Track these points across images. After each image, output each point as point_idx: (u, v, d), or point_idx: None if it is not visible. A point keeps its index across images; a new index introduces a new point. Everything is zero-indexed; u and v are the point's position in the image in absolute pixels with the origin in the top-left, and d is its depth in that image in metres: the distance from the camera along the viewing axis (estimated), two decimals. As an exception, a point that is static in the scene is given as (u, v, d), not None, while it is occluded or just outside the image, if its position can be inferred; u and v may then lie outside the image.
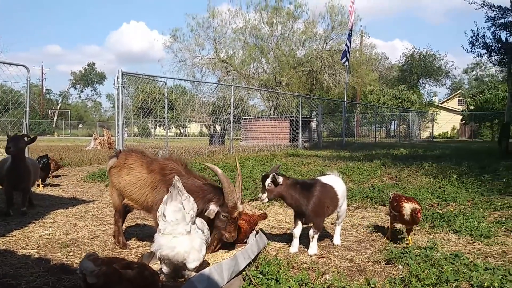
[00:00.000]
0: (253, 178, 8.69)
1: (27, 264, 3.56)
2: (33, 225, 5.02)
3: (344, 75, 32.47)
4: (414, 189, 7.21)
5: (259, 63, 38.06)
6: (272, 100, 23.68)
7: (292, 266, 3.60)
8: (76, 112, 72.42)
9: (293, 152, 16.75)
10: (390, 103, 41.62)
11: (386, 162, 11.39)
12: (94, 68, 76.51)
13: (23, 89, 10.22)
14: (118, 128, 10.62)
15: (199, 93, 22.55)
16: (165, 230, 2.80)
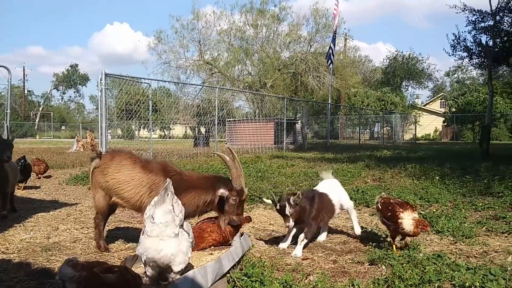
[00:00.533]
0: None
1: (7, 269, 3.50)
2: (14, 228, 4.94)
3: (328, 78, 32.67)
4: (398, 190, 7.28)
5: (244, 65, 38.08)
6: (257, 102, 23.70)
7: (276, 268, 3.60)
8: (58, 114, 71.54)
9: (278, 154, 16.78)
10: (373, 105, 41.97)
11: (370, 164, 11.47)
12: (77, 70, 75.74)
13: (4, 91, 10.16)
14: (102, 130, 10.54)
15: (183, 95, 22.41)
16: (152, 233, 2.76)
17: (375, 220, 5.56)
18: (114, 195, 3.91)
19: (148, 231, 2.76)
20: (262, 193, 7.10)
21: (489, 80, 15.75)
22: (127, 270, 2.38)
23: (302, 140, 23.16)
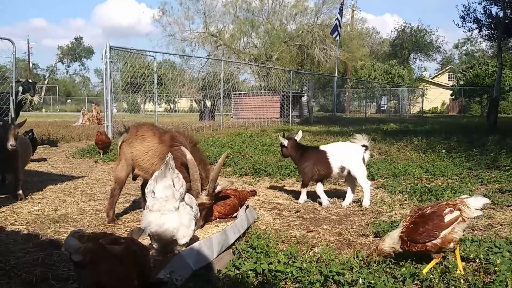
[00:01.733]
0: (243, 153, 8.69)
1: (16, 240, 3.56)
2: (22, 201, 5.00)
3: (335, 50, 32.32)
4: (404, 164, 7.27)
5: (250, 37, 37.73)
6: (263, 75, 23.57)
7: (281, 240, 3.63)
8: (64, 88, 71.49)
9: (284, 127, 16.74)
10: (380, 78, 41.55)
11: (376, 137, 11.44)
12: (81, 43, 75.23)
13: (8, 64, 10.06)
14: (107, 104, 10.54)
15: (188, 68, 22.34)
16: (153, 207, 2.78)
17: (380, 193, 5.57)
18: (136, 166, 4.12)
19: (150, 206, 2.77)
20: (268, 166, 7.12)
21: (498, 52, 15.49)
22: (133, 241, 2.40)
23: (308, 114, 23.07)
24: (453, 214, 2.91)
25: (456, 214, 2.90)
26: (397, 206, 4.85)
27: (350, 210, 4.80)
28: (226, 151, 4.27)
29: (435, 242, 2.91)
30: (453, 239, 2.91)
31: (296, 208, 4.83)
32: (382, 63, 46.35)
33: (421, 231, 2.94)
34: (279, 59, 35.11)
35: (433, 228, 2.91)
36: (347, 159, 5.00)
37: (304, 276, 2.73)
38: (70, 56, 74.77)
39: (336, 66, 28.65)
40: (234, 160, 7.89)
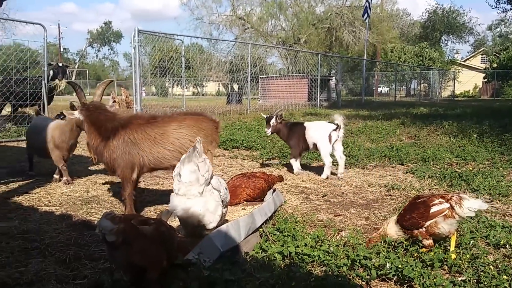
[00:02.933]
0: (270, 137, 8.69)
1: (50, 220, 3.67)
2: (55, 183, 5.14)
3: (364, 32, 31.76)
4: (433, 148, 7.15)
5: (277, 20, 37.42)
6: (290, 58, 23.34)
7: (308, 223, 3.64)
8: (94, 72, 72.51)
9: (311, 111, 16.65)
10: (411, 61, 40.64)
11: (405, 121, 11.27)
12: (110, 27, 76.02)
13: (40, 48, 10.24)
14: (136, 88, 10.65)
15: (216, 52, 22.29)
16: (179, 191, 2.82)
17: (409, 178, 5.50)
18: None
19: (176, 189, 2.81)
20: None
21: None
22: (162, 223, 2.45)
23: (336, 97, 22.85)
24: (441, 206, 2.88)
25: (444, 207, 2.87)
26: (426, 191, 4.79)
27: (378, 195, 4.77)
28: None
29: (421, 231, 2.92)
30: (436, 233, 2.89)
31: (324, 192, 4.82)
32: (412, 45, 45.23)
33: (407, 218, 2.97)
34: (307, 42, 34.75)
35: (418, 217, 2.92)
36: (317, 136, 5.72)
37: (331, 260, 2.74)
38: (99, 40, 75.70)
39: (365, 48, 28.18)
40: (261, 144, 7.91)
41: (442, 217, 2.85)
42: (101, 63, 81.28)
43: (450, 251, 2.83)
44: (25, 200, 4.32)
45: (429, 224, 2.88)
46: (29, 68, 10.62)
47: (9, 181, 5.09)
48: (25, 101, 9.68)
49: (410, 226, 2.95)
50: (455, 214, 2.84)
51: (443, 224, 2.86)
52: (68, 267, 2.70)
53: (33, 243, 3.08)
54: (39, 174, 5.60)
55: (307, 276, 2.53)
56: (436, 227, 2.87)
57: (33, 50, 11.00)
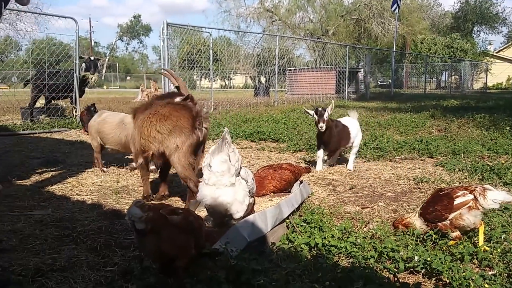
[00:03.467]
0: (297, 129, 8.68)
1: (81, 209, 3.76)
2: (86, 173, 5.26)
3: (393, 24, 31.27)
4: (464, 141, 7.01)
5: (305, 12, 37.16)
6: (318, 50, 23.16)
7: (335, 215, 3.63)
8: (123, 65, 73.54)
9: (339, 103, 16.50)
10: (441, 52, 39.78)
11: (435, 114, 11.07)
12: (140, 20, 76.94)
13: (72, 42, 10.47)
14: (165, 80, 10.76)
15: (243, 44, 22.35)
16: (209, 181, 2.85)
17: (438, 171, 5.41)
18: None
19: (206, 179, 2.84)
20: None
21: None
22: (190, 212, 2.49)
23: (365, 89, 22.59)
24: (465, 198, 2.83)
25: (468, 198, 2.82)
26: (456, 184, 4.71)
27: (407, 188, 4.71)
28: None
29: (446, 224, 2.88)
30: (461, 225, 2.85)
31: (351, 185, 4.80)
32: (443, 36, 44.25)
33: (430, 211, 2.94)
34: (335, 33, 34.43)
35: (442, 209, 2.89)
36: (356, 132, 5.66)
37: (358, 252, 2.73)
38: (129, 33, 76.72)
39: (395, 40, 27.75)
40: (289, 136, 7.91)
41: (466, 208, 2.82)
42: (130, 56, 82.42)
43: (479, 244, 2.79)
44: (58, 189, 4.44)
45: (454, 216, 2.85)
46: (61, 62, 10.86)
47: (43, 171, 5.23)
48: (57, 94, 9.92)
49: (434, 218, 2.93)
50: (479, 206, 2.80)
51: (468, 216, 2.83)
52: (99, 254, 2.77)
53: (66, 231, 3.17)
54: (71, 164, 5.74)
55: (334, 267, 2.53)
56: (461, 219, 2.84)
57: (65, 44, 11.27)
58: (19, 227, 3.23)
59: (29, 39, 19.17)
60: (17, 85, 12.03)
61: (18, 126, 9.12)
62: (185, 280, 2.24)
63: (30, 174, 5.08)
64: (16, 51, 14.08)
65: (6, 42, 13.63)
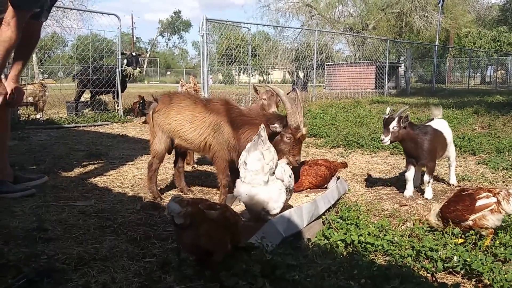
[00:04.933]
0: (335, 125, 8.61)
1: (122, 201, 3.87)
2: (127, 166, 5.40)
3: (436, 17, 30.46)
4: (509, 139, 6.78)
5: (345, 6, 36.69)
6: (358, 45, 22.84)
7: (372, 212, 3.60)
8: (164, 60, 74.60)
9: (379, 99, 16.27)
10: (487, 46, 38.48)
11: (479, 110, 10.74)
12: (180, 16, 77.78)
13: (115, 38, 10.73)
14: (204, 75, 10.88)
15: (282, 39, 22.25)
16: (245, 179, 2.88)
17: (481, 169, 5.27)
18: (176, 137, 3.86)
19: (242, 177, 2.88)
20: (360, 139, 7.00)
21: None
22: (227, 207, 2.53)
23: (405, 85, 22.14)
24: (488, 200, 2.79)
25: (491, 201, 2.77)
26: (499, 183, 4.58)
27: (447, 186, 4.61)
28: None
29: (467, 224, 2.85)
30: (484, 226, 2.80)
31: (389, 182, 4.73)
32: (489, 30, 42.76)
33: (451, 210, 2.91)
34: (376, 28, 33.83)
35: (463, 210, 2.85)
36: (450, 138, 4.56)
37: (395, 250, 2.70)
38: (169, 29, 77.71)
39: (437, 34, 27.05)
40: (326, 132, 7.86)
41: (489, 211, 2.78)
42: (171, 52, 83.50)
43: (482, 245, 2.76)
44: (100, 181, 4.58)
45: (476, 217, 2.82)
46: (104, 57, 11.15)
47: (87, 163, 5.41)
48: (100, 89, 10.20)
49: (454, 218, 2.90)
50: (501, 209, 2.76)
51: (491, 217, 2.79)
52: (139, 245, 2.85)
53: (107, 222, 3.27)
54: (113, 157, 5.90)
55: (370, 265, 2.51)
56: (485, 219, 2.80)
57: (108, 40, 11.55)
58: (64, 217, 3.36)
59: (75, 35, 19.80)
60: (63, 80, 12.44)
61: (63, 120, 9.44)
62: (220, 273, 2.28)
63: (74, 166, 5.25)
64: (62, 47, 14.50)
65: (53, 38, 14.08)
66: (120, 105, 10.45)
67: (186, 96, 3.95)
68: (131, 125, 9.47)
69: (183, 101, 3.83)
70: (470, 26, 40.67)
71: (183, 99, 3.86)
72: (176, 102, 3.83)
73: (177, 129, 3.79)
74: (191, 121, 3.74)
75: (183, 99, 3.85)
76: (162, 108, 3.84)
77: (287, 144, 3.50)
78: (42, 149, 6.29)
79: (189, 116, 3.76)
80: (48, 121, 9.28)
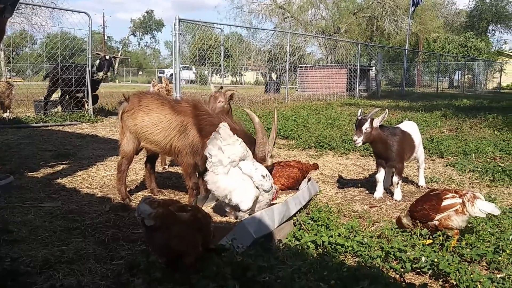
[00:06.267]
0: (307, 127, 8.67)
1: (91, 202, 3.80)
2: (96, 166, 5.30)
3: (406, 22, 31.05)
4: (476, 141, 6.95)
5: (318, 9, 37.01)
6: (330, 48, 23.08)
7: (343, 214, 3.63)
8: (136, 60, 73.68)
9: (350, 101, 16.46)
10: (455, 51, 39.44)
11: (447, 113, 10.99)
12: (152, 16, 77.01)
13: (85, 36, 10.54)
14: (176, 76, 10.79)
15: (255, 41, 22.30)
16: (210, 168, 2.97)
17: (449, 171, 5.39)
18: (142, 140, 3.78)
19: (208, 166, 2.99)
20: (332, 140, 7.06)
21: None
22: (198, 209, 2.50)
23: (376, 88, 22.47)
24: (453, 201, 2.86)
25: (456, 202, 2.85)
26: (466, 185, 4.68)
27: (416, 188, 4.69)
28: (275, 109, 3.97)
29: (433, 224, 2.93)
30: (449, 226, 2.88)
31: (359, 183, 4.79)
32: (457, 35, 43.84)
33: (418, 209, 2.99)
34: (348, 31, 34.26)
35: (429, 209, 2.93)
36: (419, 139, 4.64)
37: (365, 251, 2.73)
38: (141, 29, 76.87)
39: (407, 38, 27.51)
40: (298, 133, 7.90)
41: (454, 211, 2.85)
42: (143, 51, 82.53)
43: (449, 246, 2.82)
44: (68, 182, 4.49)
45: (442, 217, 2.89)
46: (74, 56, 10.93)
47: (54, 164, 5.28)
48: (70, 87, 9.98)
49: (421, 217, 2.98)
50: (466, 211, 2.83)
51: (456, 218, 2.86)
52: (107, 247, 2.80)
53: (75, 223, 3.20)
54: (82, 157, 5.79)
55: (340, 266, 2.53)
56: (449, 220, 2.87)
57: (79, 38, 11.33)
58: (29, 218, 3.27)
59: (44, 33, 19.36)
60: (31, 78, 12.14)
61: (31, 119, 9.20)
62: (191, 275, 2.25)
63: (41, 166, 5.13)
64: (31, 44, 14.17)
65: (22, 35, 13.74)
66: (90, 105, 10.25)
67: (155, 97, 3.83)
68: (101, 125, 9.31)
69: (151, 103, 3.73)
70: (439, 31, 41.59)
71: (151, 100, 3.75)
72: (145, 104, 3.73)
73: (143, 131, 3.71)
74: (157, 123, 3.65)
75: (152, 101, 3.74)
76: (131, 109, 3.75)
77: None
78: (8, 149, 6.11)
79: (155, 118, 3.66)
80: (15, 120, 9.04)
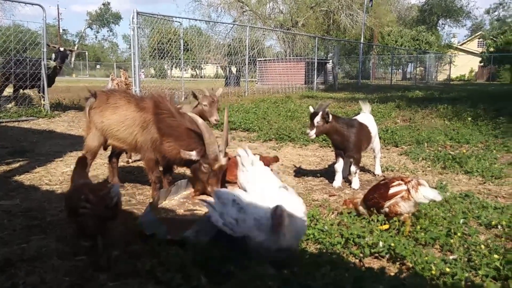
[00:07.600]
0: (267, 119, 8.76)
1: (50, 199, 3.75)
2: (55, 162, 5.20)
3: (361, 16, 31.64)
4: (428, 131, 7.23)
5: (276, 3, 37.12)
6: (288, 42, 23.29)
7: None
8: (93, 53, 71.79)
9: (308, 94, 16.69)
10: (407, 44, 40.53)
11: (400, 104, 11.32)
12: (109, 8, 75.22)
13: (39, 29, 10.21)
14: (135, 69, 10.64)
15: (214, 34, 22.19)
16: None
17: (403, 160, 5.59)
18: (109, 137, 3.82)
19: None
20: (291, 132, 7.17)
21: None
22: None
23: (333, 80, 22.84)
24: (399, 188, 3.02)
25: (402, 189, 3.01)
26: (419, 173, 4.89)
27: (373, 176, 4.86)
28: (225, 108, 3.98)
29: (384, 211, 3.07)
30: (398, 212, 3.02)
31: (319, 173, 4.91)
32: (409, 29, 45.05)
33: (370, 198, 3.14)
34: (305, 25, 34.55)
35: (379, 197, 3.08)
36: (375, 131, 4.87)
37: (326, 238, 2.83)
38: (98, 22, 74.95)
39: (362, 32, 28.10)
40: (259, 126, 7.97)
41: (400, 198, 3.00)
42: (100, 45, 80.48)
43: (405, 234, 2.95)
44: (26, 179, 4.39)
45: (391, 204, 3.03)
46: (28, 49, 10.57)
47: (10, 161, 5.15)
48: (24, 82, 9.67)
49: (373, 205, 3.13)
50: (411, 197, 2.98)
51: (403, 204, 3.01)
52: (69, 244, 2.78)
53: (35, 221, 3.16)
54: (39, 154, 5.66)
55: (302, 253, 2.62)
56: (397, 206, 3.02)
57: (33, 31, 10.96)
58: (-13, 217, 3.20)
59: (-5, 25, 18.57)
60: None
61: (-17, 116, 8.90)
62: (156, 268, 2.29)
63: (-3, 164, 4.99)
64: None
65: (-30, 28, 13.14)
66: (46, 100, 9.97)
67: (123, 95, 3.85)
68: (58, 120, 9.09)
69: (119, 100, 3.75)
70: (392, 25, 42.54)
71: (119, 98, 3.77)
72: (112, 101, 3.76)
73: (110, 128, 3.74)
74: (124, 120, 3.68)
75: (119, 99, 3.77)
76: (99, 106, 3.78)
77: (205, 174, 3.35)
78: (-41, 147, 5.91)
79: (122, 116, 3.69)
80: (-34, 117, 8.71)
